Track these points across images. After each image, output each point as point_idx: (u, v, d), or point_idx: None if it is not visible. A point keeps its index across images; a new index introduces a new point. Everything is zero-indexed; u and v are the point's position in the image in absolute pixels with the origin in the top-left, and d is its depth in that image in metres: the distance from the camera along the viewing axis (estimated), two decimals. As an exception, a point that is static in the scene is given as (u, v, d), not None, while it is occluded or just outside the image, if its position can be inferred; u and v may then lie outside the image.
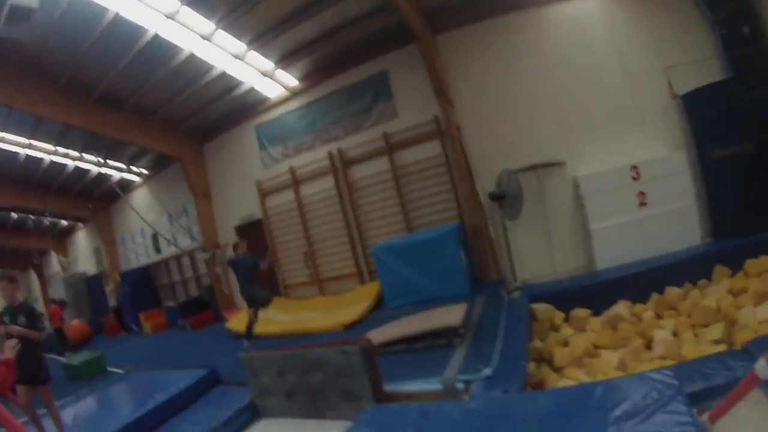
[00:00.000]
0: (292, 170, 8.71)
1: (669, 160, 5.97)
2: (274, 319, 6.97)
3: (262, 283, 6.24)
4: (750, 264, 5.06)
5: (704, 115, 5.72)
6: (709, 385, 2.70)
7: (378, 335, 4.45)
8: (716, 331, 4.27)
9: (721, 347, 4.01)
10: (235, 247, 6.09)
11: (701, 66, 5.99)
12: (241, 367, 3.89)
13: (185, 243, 11.09)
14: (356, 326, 5.71)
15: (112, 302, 12.87)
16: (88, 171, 11.69)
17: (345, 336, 5.22)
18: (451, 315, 4.41)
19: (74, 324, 12.25)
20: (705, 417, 2.24)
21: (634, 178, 5.90)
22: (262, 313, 5.79)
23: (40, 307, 16.12)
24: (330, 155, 8.20)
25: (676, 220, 5.87)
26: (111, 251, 13.83)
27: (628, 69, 6.31)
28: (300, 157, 8.64)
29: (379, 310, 6.19)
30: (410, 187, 7.43)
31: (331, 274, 8.40)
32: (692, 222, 5.94)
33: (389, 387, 3.41)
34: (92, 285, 14.57)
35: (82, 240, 15.91)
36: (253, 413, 3.78)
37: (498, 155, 6.50)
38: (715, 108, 5.61)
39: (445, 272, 5.88)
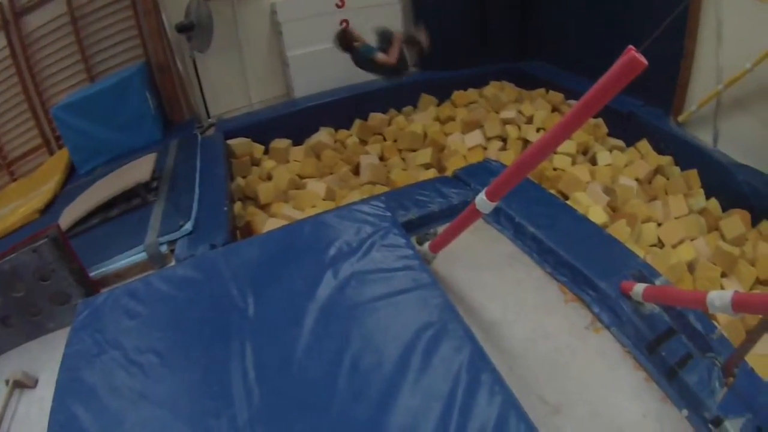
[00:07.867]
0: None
1: (380, -9, 5.68)
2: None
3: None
4: (457, 95, 5.26)
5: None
6: (424, 213, 2.62)
7: (68, 215, 3.67)
8: (425, 156, 4.25)
9: (432, 172, 4.02)
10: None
11: None
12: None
13: None
14: (53, 207, 4.65)
15: None
16: None
17: (41, 225, 4.20)
18: (140, 169, 3.82)
19: None
20: (426, 247, 2.18)
21: (338, 6, 5.53)
22: None
23: None
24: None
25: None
26: None
27: None
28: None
29: (72, 181, 5.07)
30: (90, 29, 5.90)
31: (18, 152, 6.61)
32: (398, 53, 6.03)
33: (96, 271, 2.90)
34: None
35: None
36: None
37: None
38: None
39: (132, 121, 5.13)
